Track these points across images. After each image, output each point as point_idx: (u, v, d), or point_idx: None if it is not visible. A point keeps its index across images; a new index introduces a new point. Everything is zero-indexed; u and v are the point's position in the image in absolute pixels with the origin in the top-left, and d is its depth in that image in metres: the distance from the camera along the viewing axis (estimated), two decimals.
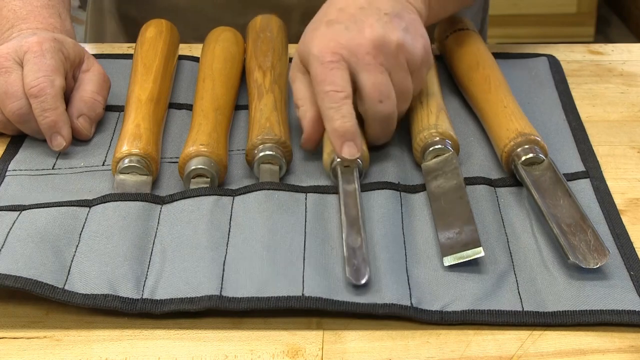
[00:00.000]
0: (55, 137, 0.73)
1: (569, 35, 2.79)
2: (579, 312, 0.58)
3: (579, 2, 2.81)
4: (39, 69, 0.73)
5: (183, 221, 0.65)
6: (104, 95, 0.78)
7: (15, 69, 0.74)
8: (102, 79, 0.78)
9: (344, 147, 0.68)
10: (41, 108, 0.72)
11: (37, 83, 0.72)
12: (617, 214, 0.67)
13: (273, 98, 0.75)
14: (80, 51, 0.78)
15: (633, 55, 0.92)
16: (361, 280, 0.59)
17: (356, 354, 0.56)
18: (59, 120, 0.73)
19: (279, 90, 0.77)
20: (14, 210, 0.66)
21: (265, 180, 0.69)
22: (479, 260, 0.62)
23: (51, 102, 0.72)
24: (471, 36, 0.85)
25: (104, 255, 0.61)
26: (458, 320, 0.58)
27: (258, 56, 0.81)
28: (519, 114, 0.73)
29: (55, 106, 0.72)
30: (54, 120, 0.73)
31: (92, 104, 0.76)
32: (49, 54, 0.74)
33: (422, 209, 0.67)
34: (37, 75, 0.72)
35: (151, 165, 0.70)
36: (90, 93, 0.76)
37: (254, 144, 0.71)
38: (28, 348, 0.57)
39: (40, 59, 0.73)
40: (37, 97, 0.72)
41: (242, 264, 0.61)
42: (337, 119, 0.68)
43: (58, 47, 0.75)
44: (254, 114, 0.74)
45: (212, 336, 0.58)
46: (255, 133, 0.72)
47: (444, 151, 0.71)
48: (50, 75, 0.73)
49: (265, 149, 0.70)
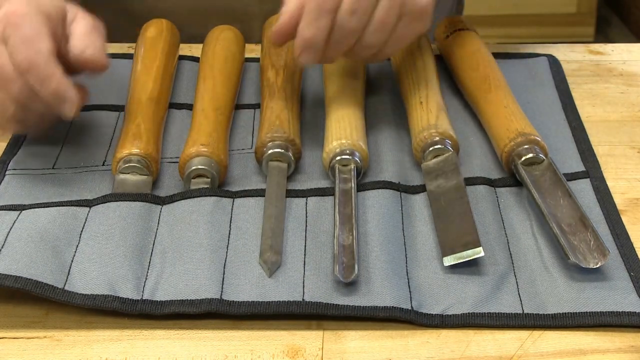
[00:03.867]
0: (64, 105, 0.67)
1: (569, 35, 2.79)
2: (579, 314, 0.58)
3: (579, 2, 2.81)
4: (21, 41, 0.66)
5: (183, 222, 0.65)
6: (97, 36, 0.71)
7: (1, 51, 0.67)
8: (91, 24, 0.72)
9: (303, 53, 0.69)
10: (38, 81, 0.65)
11: (23, 57, 0.65)
12: (617, 214, 0.67)
13: (284, 96, 0.75)
14: (60, 5, 0.71)
15: (633, 55, 0.92)
16: (349, 278, 0.59)
17: (356, 354, 0.56)
18: (60, 86, 0.66)
19: (291, 89, 0.77)
20: (14, 210, 0.66)
21: (273, 177, 0.69)
22: (478, 261, 0.62)
23: (45, 71, 0.65)
24: (471, 36, 0.85)
25: (104, 255, 0.61)
26: (458, 323, 0.58)
27: (272, 55, 0.81)
28: (519, 114, 0.73)
29: (50, 73, 0.66)
30: (54, 88, 0.66)
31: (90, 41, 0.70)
32: (27, 20, 0.66)
33: (422, 210, 0.67)
34: (21, 48, 0.65)
35: (151, 165, 0.70)
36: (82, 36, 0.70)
37: (263, 142, 0.71)
38: (28, 348, 0.57)
39: (20, 30, 0.66)
40: (29, 71, 0.65)
41: (242, 268, 0.61)
42: (312, 27, 0.67)
43: (35, 11, 0.67)
44: (264, 112, 0.74)
45: (212, 336, 0.58)
46: (265, 131, 0.72)
47: (444, 151, 0.71)
48: (35, 43, 0.66)
49: (274, 147, 0.70)
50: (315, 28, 0.67)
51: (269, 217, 0.65)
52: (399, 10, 0.69)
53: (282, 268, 0.61)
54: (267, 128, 0.72)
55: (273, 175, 0.69)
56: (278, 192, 0.67)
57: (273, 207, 0.66)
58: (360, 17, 0.68)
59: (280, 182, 0.69)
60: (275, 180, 0.69)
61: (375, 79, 0.85)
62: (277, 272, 0.61)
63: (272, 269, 0.61)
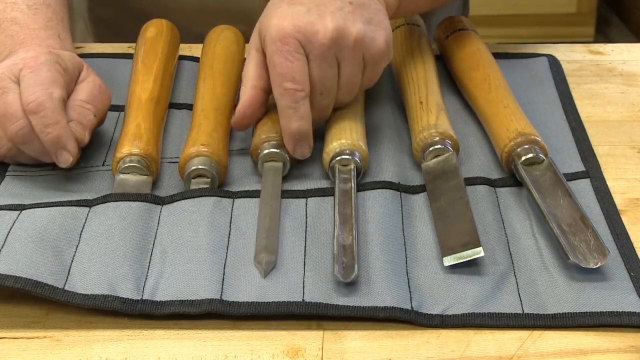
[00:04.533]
0: (61, 153, 0.69)
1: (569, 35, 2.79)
2: (579, 314, 0.58)
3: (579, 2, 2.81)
4: (35, 84, 0.68)
5: (183, 222, 0.65)
6: (97, 105, 0.73)
7: (12, 89, 0.69)
8: (97, 89, 0.74)
9: (297, 148, 0.70)
10: (42, 124, 0.67)
11: (34, 98, 0.67)
12: (617, 214, 0.67)
13: None
14: (78, 62, 0.75)
15: (633, 55, 0.92)
16: (349, 278, 0.59)
17: (356, 354, 0.56)
18: (63, 135, 0.68)
19: None
20: (14, 210, 0.66)
21: (268, 177, 0.69)
22: (478, 261, 0.62)
23: (52, 117, 0.67)
24: (471, 36, 0.85)
25: (104, 255, 0.61)
26: (458, 323, 0.58)
27: None
28: (519, 114, 0.73)
29: (56, 120, 0.68)
30: (56, 136, 0.68)
31: (80, 111, 0.72)
32: (45, 67, 0.70)
33: (422, 211, 0.67)
34: (34, 90, 0.68)
35: (151, 165, 0.70)
36: (79, 102, 0.72)
37: (258, 142, 0.71)
38: (28, 348, 0.57)
39: (36, 73, 0.69)
40: (36, 113, 0.67)
41: (242, 269, 0.61)
42: (295, 120, 0.69)
43: (54, 60, 0.71)
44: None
45: (212, 336, 0.58)
46: (260, 131, 0.72)
47: (444, 151, 0.71)
48: (48, 89, 0.68)
49: (269, 147, 0.70)
50: (298, 119, 0.69)
51: (264, 217, 0.65)
52: (361, 64, 0.71)
53: (282, 268, 0.61)
54: (262, 129, 0.72)
55: (268, 175, 0.69)
56: (273, 192, 0.68)
57: (268, 206, 0.66)
58: (330, 93, 0.71)
59: (275, 181, 0.69)
60: (270, 180, 0.69)
61: None
62: (277, 273, 0.61)
63: (266, 270, 0.61)
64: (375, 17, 0.71)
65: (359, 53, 0.70)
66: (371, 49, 0.70)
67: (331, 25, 0.68)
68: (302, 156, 0.71)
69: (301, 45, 0.68)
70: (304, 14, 0.69)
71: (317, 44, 0.68)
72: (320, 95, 0.70)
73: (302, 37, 0.68)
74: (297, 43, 0.68)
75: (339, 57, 0.69)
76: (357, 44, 0.69)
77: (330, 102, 0.72)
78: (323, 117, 0.73)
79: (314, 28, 0.68)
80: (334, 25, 0.68)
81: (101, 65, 0.85)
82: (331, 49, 0.68)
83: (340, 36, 0.68)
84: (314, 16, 0.68)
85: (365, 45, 0.70)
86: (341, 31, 0.68)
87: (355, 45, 0.69)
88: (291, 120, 0.69)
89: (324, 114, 0.73)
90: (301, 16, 0.68)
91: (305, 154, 0.71)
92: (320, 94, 0.70)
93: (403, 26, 0.86)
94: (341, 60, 0.70)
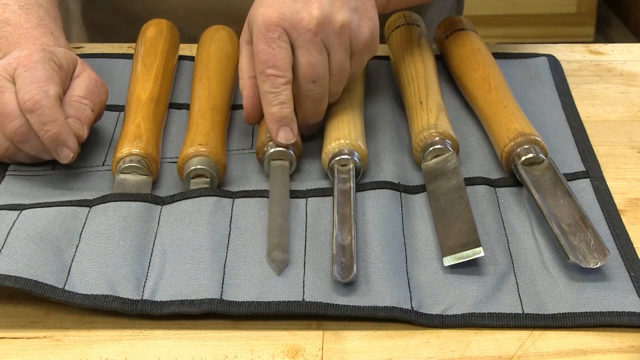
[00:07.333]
0: (62, 150, 0.69)
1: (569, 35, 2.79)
2: (579, 314, 0.58)
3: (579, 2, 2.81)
4: (30, 82, 0.68)
5: (183, 222, 0.65)
6: (94, 100, 0.73)
7: (8, 88, 0.69)
8: (93, 83, 0.74)
9: (280, 132, 0.70)
10: (40, 122, 0.68)
11: (30, 96, 0.67)
12: (617, 214, 0.67)
13: None
14: (72, 58, 0.75)
15: (633, 55, 0.92)
16: (347, 278, 0.59)
17: (356, 354, 0.56)
18: (62, 132, 0.68)
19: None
20: (14, 210, 0.66)
21: (277, 176, 0.69)
22: (478, 261, 0.62)
23: (49, 114, 0.68)
24: (471, 36, 0.85)
25: (104, 255, 0.61)
26: (458, 324, 0.58)
27: None
28: (519, 114, 0.73)
29: (54, 117, 0.68)
30: (55, 133, 0.68)
31: (77, 107, 0.72)
32: (40, 65, 0.70)
33: (422, 210, 0.67)
34: (30, 88, 0.68)
35: (151, 165, 0.70)
36: (75, 98, 0.72)
37: (264, 142, 0.71)
38: (28, 348, 0.57)
39: (31, 72, 0.69)
40: (33, 111, 0.67)
41: (242, 268, 0.61)
42: (275, 104, 0.69)
43: (48, 57, 0.71)
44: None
45: (212, 336, 0.58)
46: (266, 131, 0.72)
47: (444, 151, 0.71)
48: (44, 86, 0.68)
49: (275, 146, 0.70)
50: (279, 103, 0.69)
51: (275, 215, 0.65)
52: (349, 51, 0.71)
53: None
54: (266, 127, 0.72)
55: (276, 174, 0.69)
56: (282, 191, 0.68)
57: (278, 205, 0.66)
58: (322, 81, 0.71)
59: (284, 180, 0.69)
60: (278, 179, 0.69)
61: (375, 79, 0.85)
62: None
63: (280, 267, 0.61)
64: (361, 7, 0.71)
65: (346, 38, 0.70)
66: (358, 36, 0.70)
67: (316, 12, 0.69)
68: (285, 141, 0.70)
69: (286, 33, 0.69)
70: (290, 3, 0.69)
71: (302, 31, 0.68)
72: (313, 84, 0.70)
73: (288, 25, 0.68)
74: (282, 31, 0.68)
75: (327, 44, 0.70)
76: (343, 30, 0.69)
77: (324, 92, 0.72)
78: (319, 109, 0.73)
79: (299, 15, 0.68)
80: (320, 12, 0.69)
81: (101, 65, 0.86)
82: (317, 35, 0.69)
83: (326, 22, 0.69)
84: (300, 4, 0.69)
85: (352, 32, 0.70)
86: (327, 17, 0.69)
87: (342, 31, 0.69)
88: (271, 104, 0.69)
89: (319, 105, 0.73)
90: (287, 5, 0.69)
91: (289, 139, 0.70)
92: (313, 82, 0.70)
93: (403, 26, 0.86)
94: (330, 47, 0.70)
